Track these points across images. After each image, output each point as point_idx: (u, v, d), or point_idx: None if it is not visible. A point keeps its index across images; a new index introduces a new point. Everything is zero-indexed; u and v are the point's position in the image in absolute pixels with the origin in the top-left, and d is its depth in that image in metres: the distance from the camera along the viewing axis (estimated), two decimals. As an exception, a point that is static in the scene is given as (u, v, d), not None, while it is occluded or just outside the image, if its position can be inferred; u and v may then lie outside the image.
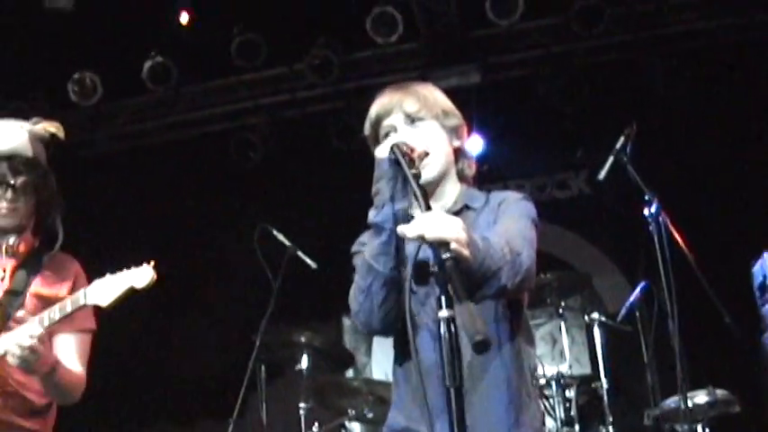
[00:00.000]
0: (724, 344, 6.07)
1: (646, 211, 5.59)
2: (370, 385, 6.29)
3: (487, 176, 8.47)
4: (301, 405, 6.18)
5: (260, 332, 5.79)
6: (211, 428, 7.27)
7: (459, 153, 2.97)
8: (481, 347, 2.09)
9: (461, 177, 2.97)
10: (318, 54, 7.85)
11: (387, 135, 2.86)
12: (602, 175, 5.96)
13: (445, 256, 2.23)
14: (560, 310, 6.63)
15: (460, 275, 2.21)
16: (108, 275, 3.46)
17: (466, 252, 2.32)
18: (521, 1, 7.38)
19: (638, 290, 6.39)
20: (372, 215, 2.63)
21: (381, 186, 2.61)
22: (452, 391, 2.17)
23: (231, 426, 5.68)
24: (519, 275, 2.52)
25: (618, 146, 5.83)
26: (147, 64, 7.90)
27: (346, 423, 6.37)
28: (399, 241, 2.55)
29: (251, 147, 8.29)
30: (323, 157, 8.29)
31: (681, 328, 5.40)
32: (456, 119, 2.96)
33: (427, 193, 2.56)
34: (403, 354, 2.81)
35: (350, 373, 8.03)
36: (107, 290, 3.43)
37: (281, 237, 6.15)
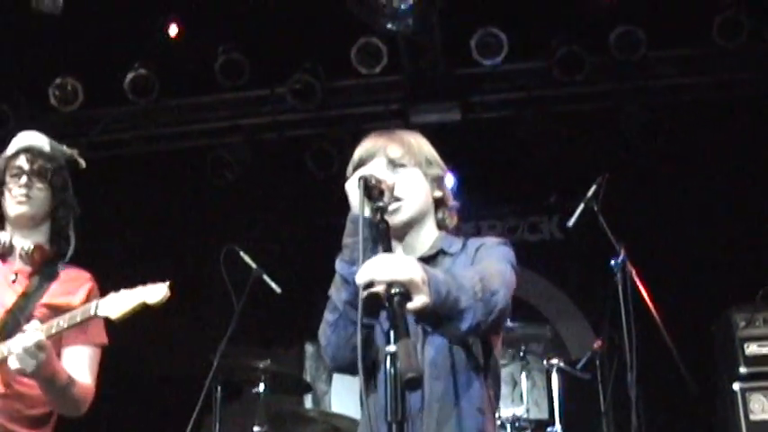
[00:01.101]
0: (682, 399, 6.11)
1: (612, 262, 5.64)
2: (326, 416, 6.27)
3: (459, 215, 8.52)
4: (255, 429, 6.13)
5: (218, 353, 5.74)
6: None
7: (439, 203, 2.98)
8: (413, 385, 2.08)
9: (441, 227, 2.98)
10: (301, 79, 7.85)
11: None
12: (571, 221, 6.01)
13: (393, 291, 2.24)
14: (521, 354, 6.63)
15: (404, 312, 2.22)
16: (123, 290, 3.48)
17: (421, 293, 2.31)
18: (505, 43, 7.44)
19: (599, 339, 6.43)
20: (339, 267, 2.65)
21: (351, 244, 2.61)
22: (394, 426, 2.17)
23: (183, 445, 5.63)
24: (492, 314, 2.53)
25: (589, 194, 5.88)
26: (130, 75, 7.88)
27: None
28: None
29: (226, 166, 8.27)
30: (297, 182, 8.28)
31: (640, 380, 5.43)
32: (439, 169, 2.98)
33: (389, 230, 2.55)
34: (365, 388, 2.82)
35: (308, 400, 8.00)
36: (119, 303, 3.44)
37: (247, 258, 6.12)
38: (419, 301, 2.31)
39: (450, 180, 8.21)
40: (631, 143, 7.93)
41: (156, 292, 3.44)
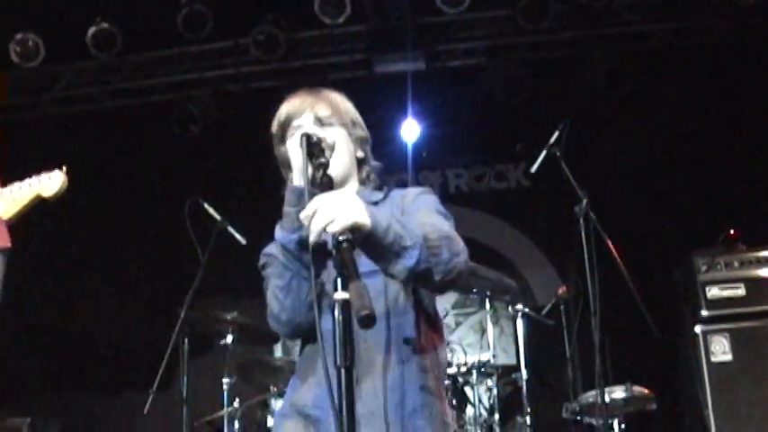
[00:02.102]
0: (645, 343, 6.19)
1: (576, 208, 5.67)
2: (294, 365, 6.29)
3: (426, 163, 8.55)
4: (224, 380, 6.17)
5: (185, 306, 5.76)
6: (134, 398, 7.23)
7: (362, 163, 3.01)
8: (366, 322, 2.11)
9: (362, 184, 3.00)
10: (264, 30, 7.80)
11: (293, 136, 2.88)
12: (534, 167, 6.03)
13: (341, 238, 2.26)
14: (487, 301, 6.68)
15: (352, 257, 2.24)
16: (11, 185, 3.19)
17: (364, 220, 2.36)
18: (470, -9, 7.42)
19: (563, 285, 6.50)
20: (279, 235, 2.65)
21: (292, 213, 2.61)
22: (342, 371, 2.19)
23: (151, 397, 5.66)
24: (451, 273, 2.57)
25: (551, 140, 5.90)
26: (92, 30, 7.79)
27: (268, 400, 6.37)
28: (306, 245, 2.51)
29: (192, 119, 8.23)
30: (263, 135, 8.22)
31: (604, 325, 5.49)
32: (362, 131, 3.01)
33: (332, 184, 2.56)
34: (305, 342, 2.87)
35: (278, 349, 8.05)
36: (8, 201, 3.17)
37: (211, 210, 6.11)
38: (359, 222, 2.35)
39: (414, 129, 8.29)
40: (596, 90, 7.94)
41: (51, 183, 3.16)
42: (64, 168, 3.20)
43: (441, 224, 2.70)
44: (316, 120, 2.88)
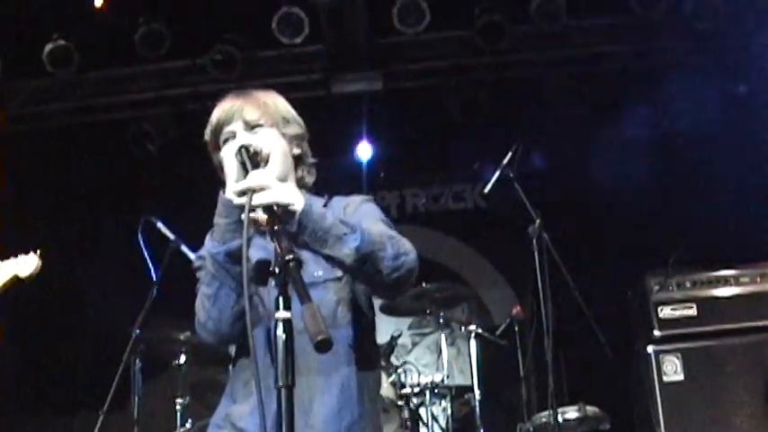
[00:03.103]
0: (599, 363, 6.22)
1: (530, 229, 5.71)
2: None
3: (384, 184, 8.57)
4: (178, 400, 6.14)
5: (136, 325, 5.72)
6: (85, 420, 7.16)
7: (299, 161, 2.98)
8: (323, 347, 2.13)
9: (301, 185, 2.96)
10: (222, 49, 7.79)
11: (226, 141, 2.86)
12: (487, 188, 6.08)
13: (288, 257, 2.26)
14: (441, 321, 6.70)
15: (301, 276, 2.25)
16: None
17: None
18: (427, 11, 7.44)
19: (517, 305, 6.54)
20: (209, 245, 2.68)
21: (223, 224, 2.63)
22: (283, 391, 2.20)
23: (101, 418, 5.60)
24: (401, 270, 2.60)
25: (505, 161, 5.94)
26: (49, 46, 7.74)
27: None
28: (239, 254, 2.50)
29: (148, 137, 8.20)
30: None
31: (558, 345, 5.52)
32: (297, 127, 2.97)
33: None
34: (239, 355, 2.86)
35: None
36: None
37: (164, 229, 6.07)
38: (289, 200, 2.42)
39: (366, 150, 8.31)
40: (554, 111, 8.00)
41: (27, 264, 3.35)
42: (38, 252, 3.43)
43: (385, 230, 2.71)
44: (245, 125, 2.85)
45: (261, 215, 2.45)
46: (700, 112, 7.73)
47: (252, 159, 2.61)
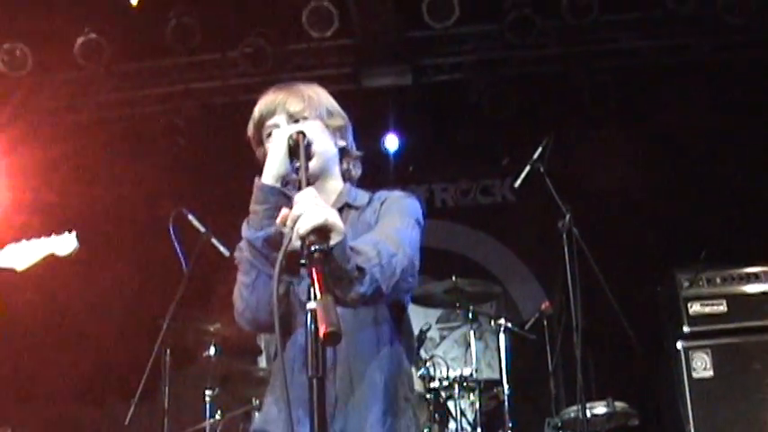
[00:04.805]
0: (627, 358, 6.21)
1: (559, 224, 5.69)
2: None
3: (412, 178, 8.56)
4: (207, 392, 6.17)
5: (167, 316, 5.75)
6: (115, 409, 7.22)
7: (343, 153, 2.95)
8: (331, 339, 2.08)
9: (346, 178, 2.96)
10: (252, 43, 7.82)
11: (269, 135, 2.84)
12: (518, 182, 6.06)
13: (314, 248, 2.23)
14: (470, 315, 6.69)
15: (326, 269, 2.22)
16: (24, 241, 3.39)
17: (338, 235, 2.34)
18: (456, 6, 7.43)
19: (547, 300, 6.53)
20: (246, 233, 2.62)
21: (260, 211, 2.58)
22: (315, 381, 2.18)
23: (132, 408, 5.64)
24: (394, 277, 2.52)
25: (535, 155, 5.92)
26: (80, 40, 7.79)
27: (251, 412, 6.36)
28: (277, 240, 2.49)
29: (178, 131, 8.24)
30: (248, 147, 8.22)
31: (588, 340, 5.50)
32: (341, 119, 2.94)
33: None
34: (281, 345, 2.84)
35: (262, 361, 8.02)
36: (24, 254, 3.39)
37: (195, 222, 6.10)
38: (336, 253, 2.33)
39: (393, 142, 8.32)
40: (582, 106, 7.98)
41: (65, 244, 3.37)
42: (74, 233, 3.49)
43: (382, 237, 2.63)
44: (288, 117, 2.83)
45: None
46: (730, 107, 7.69)
47: (306, 149, 2.59)
